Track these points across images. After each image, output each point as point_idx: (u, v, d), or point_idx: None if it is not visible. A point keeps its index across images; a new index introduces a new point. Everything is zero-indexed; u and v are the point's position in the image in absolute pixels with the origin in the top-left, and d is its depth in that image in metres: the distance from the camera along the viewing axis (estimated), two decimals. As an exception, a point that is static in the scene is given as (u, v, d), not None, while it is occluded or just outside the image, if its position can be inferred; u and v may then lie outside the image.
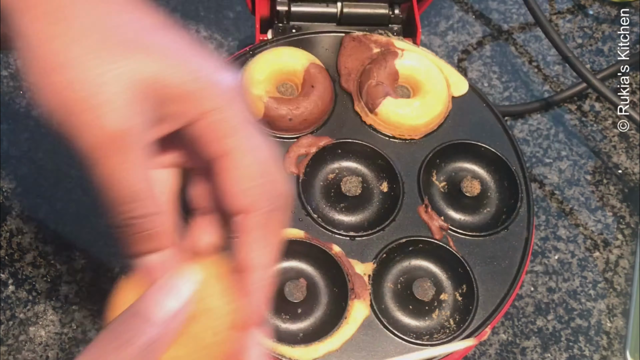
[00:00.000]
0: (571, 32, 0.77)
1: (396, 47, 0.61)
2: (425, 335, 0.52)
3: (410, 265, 0.55)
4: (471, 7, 0.77)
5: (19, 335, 0.57)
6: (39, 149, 0.64)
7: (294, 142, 0.57)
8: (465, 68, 0.73)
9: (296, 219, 0.54)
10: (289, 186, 0.37)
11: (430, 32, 0.75)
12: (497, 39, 0.76)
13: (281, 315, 0.52)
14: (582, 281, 0.63)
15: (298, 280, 0.52)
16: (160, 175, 0.37)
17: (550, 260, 0.64)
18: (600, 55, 0.75)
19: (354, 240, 0.54)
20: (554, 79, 0.74)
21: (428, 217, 0.55)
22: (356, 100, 0.60)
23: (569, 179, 0.68)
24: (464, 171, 0.59)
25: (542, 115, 0.71)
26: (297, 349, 0.50)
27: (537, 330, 0.61)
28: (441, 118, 0.59)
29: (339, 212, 0.56)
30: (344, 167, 0.58)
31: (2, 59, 0.68)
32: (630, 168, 0.69)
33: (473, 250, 0.55)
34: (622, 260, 0.64)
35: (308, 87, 0.57)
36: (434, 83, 0.60)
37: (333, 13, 0.63)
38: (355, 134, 0.58)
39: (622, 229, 0.66)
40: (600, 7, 0.78)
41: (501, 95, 0.72)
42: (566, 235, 0.65)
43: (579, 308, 0.62)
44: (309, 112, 0.57)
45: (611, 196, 0.68)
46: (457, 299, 0.53)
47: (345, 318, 0.51)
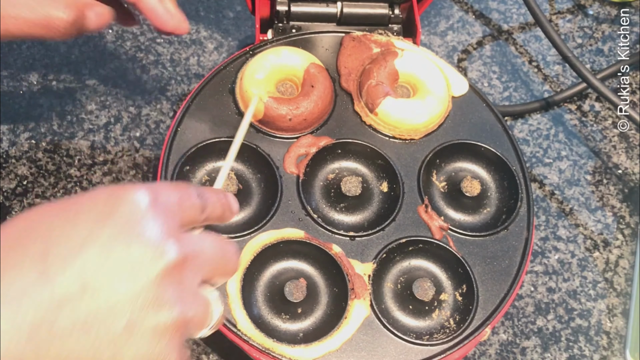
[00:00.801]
0: (571, 32, 0.77)
1: (396, 47, 0.61)
2: (425, 335, 0.52)
3: (410, 265, 0.55)
4: (471, 7, 0.77)
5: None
6: (39, 149, 0.64)
7: (294, 142, 0.57)
8: (465, 68, 0.73)
9: (296, 219, 0.54)
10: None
11: (430, 32, 0.75)
12: (497, 39, 0.76)
13: (281, 315, 0.52)
14: (582, 281, 0.63)
15: (298, 280, 0.52)
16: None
17: (550, 260, 0.64)
18: (600, 55, 0.75)
19: (354, 240, 0.54)
20: (554, 79, 0.74)
21: (428, 217, 0.55)
22: (356, 100, 0.60)
23: (569, 179, 0.68)
24: (464, 171, 0.59)
25: (542, 115, 0.71)
26: (297, 349, 0.50)
27: (537, 330, 0.61)
28: (441, 118, 0.59)
29: (339, 212, 0.56)
30: (344, 167, 0.58)
31: (2, 59, 0.68)
32: (630, 168, 0.69)
33: (473, 250, 0.55)
34: (622, 260, 0.64)
35: (308, 87, 0.58)
36: (433, 83, 0.60)
37: (333, 13, 0.63)
38: (355, 134, 0.58)
39: (622, 229, 0.66)
40: (600, 7, 0.78)
41: (501, 95, 0.72)
42: (566, 235, 0.65)
43: (579, 308, 0.62)
44: (309, 112, 0.57)
45: (611, 196, 0.68)
46: (457, 299, 0.53)
47: (345, 318, 0.51)
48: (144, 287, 0.33)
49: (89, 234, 0.33)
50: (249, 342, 0.49)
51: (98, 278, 0.33)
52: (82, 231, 0.34)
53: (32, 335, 0.31)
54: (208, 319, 0.37)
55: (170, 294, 0.34)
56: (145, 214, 0.35)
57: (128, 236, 0.34)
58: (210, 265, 0.38)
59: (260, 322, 0.51)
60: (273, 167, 0.56)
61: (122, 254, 0.33)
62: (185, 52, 0.71)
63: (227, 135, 0.56)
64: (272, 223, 0.54)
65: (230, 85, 0.59)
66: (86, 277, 0.32)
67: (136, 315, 0.33)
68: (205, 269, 0.37)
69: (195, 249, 0.36)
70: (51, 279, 0.32)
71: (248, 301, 0.51)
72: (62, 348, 0.32)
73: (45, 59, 0.69)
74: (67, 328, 0.32)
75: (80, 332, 0.32)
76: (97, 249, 0.33)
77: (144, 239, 0.34)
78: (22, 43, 0.69)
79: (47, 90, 0.67)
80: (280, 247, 0.53)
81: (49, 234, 0.33)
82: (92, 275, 0.33)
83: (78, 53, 0.70)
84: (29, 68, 0.68)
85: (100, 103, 0.67)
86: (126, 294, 0.33)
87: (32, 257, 0.32)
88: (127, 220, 0.34)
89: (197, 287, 0.37)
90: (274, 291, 0.52)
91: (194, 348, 0.57)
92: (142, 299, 0.33)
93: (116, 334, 0.33)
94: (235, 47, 0.72)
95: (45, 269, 0.32)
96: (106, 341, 0.32)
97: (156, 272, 0.34)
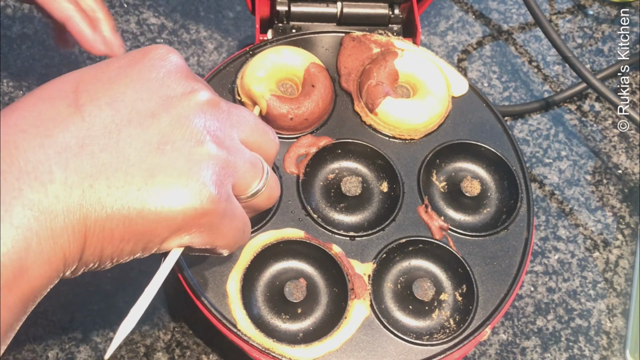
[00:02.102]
0: (571, 32, 0.77)
1: (396, 47, 0.61)
2: (425, 335, 0.52)
3: (410, 265, 0.55)
4: (471, 7, 0.77)
5: (19, 335, 0.57)
6: (39, 149, 0.64)
7: (294, 142, 0.57)
8: (465, 68, 0.73)
9: (296, 219, 0.54)
10: None
11: (430, 32, 0.75)
12: (497, 39, 0.76)
13: (281, 315, 0.52)
14: (582, 281, 0.63)
15: (298, 280, 0.52)
16: None
17: (550, 260, 0.64)
18: (600, 55, 0.75)
19: (354, 240, 0.54)
20: (554, 79, 0.74)
21: (428, 217, 0.55)
22: (356, 100, 0.60)
23: (569, 179, 0.68)
24: (464, 171, 0.59)
25: (542, 115, 0.71)
26: (297, 349, 0.50)
27: (537, 330, 0.61)
28: (441, 118, 0.59)
29: (339, 212, 0.56)
30: (344, 167, 0.58)
31: (2, 59, 0.68)
32: (630, 168, 0.69)
33: (473, 250, 0.55)
34: (622, 260, 0.64)
35: (309, 87, 0.58)
36: (433, 83, 0.60)
37: (333, 13, 0.63)
38: (355, 134, 0.58)
39: (622, 229, 0.66)
40: (600, 7, 0.78)
41: (501, 95, 0.72)
42: (566, 235, 0.65)
43: (579, 308, 0.62)
44: (310, 112, 0.57)
45: (611, 196, 0.68)
46: (457, 299, 0.53)
47: (345, 318, 0.51)
48: (177, 116, 0.34)
49: (118, 74, 0.34)
50: (249, 342, 0.49)
51: (129, 106, 0.33)
52: (112, 72, 0.34)
53: (63, 153, 0.31)
54: (257, 177, 0.37)
55: (204, 128, 0.34)
56: (173, 58, 0.36)
57: (158, 72, 0.35)
58: (247, 125, 0.38)
59: (260, 322, 0.51)
60: (273, 167, 0.56)
61: (153, 87, 0.34)
62: (185, 52, 0.71)
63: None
64: (272, 223, 0.54)
65: (230, 85, 0.59)
66: (117, 104, 0.33)
67: (168, 138, 0.33)
68: (242, 127, 0.37)
69: (228, 103, 0.37)
70: (81, 107, 0.32)
71: (248, 301, 0.51)
72: (93, 165, 0.32)
73: (45, 59, 0.69)
74: (97, 147, 0.32)
75: (112, 149, 0.32)
76: (127, 82, 0.34)
77: (175, 77, 0.35)
78: (22, 43, 0.69)
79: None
80: (280, 247, 0.53)
81: (81, 76, 0.34)
82: (123, 103, 0.33)
83: (78, 53, 0.70)
84: (29, 68, 0.68)
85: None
86: (159, 120, 0.33)
87: (63, 93, 0.33)
88: (157, 62, 0.35)
89: (236, 138, 0.37)
90: (274, 291, 0.52)
91: (193, 348, 0.57)
92: (175, 125, 0.33)
93: (147, 151, 0.33)
94: (235, 47, 0.72)
95: (76, 101, 0.33)
96: (137, 158, 0.33)
97: (188, 105, 0.34)
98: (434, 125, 0.59)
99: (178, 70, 0.36)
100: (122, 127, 0.33)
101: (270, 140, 0.40)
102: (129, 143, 0.32)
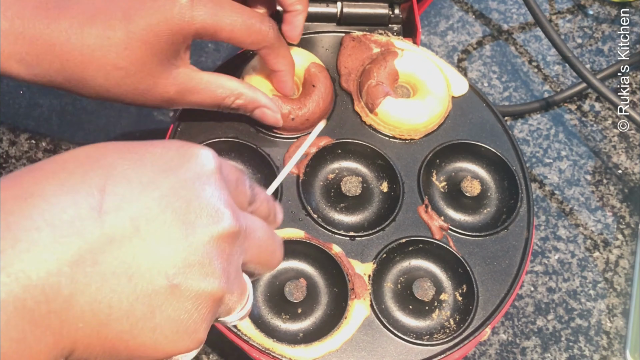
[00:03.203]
0: (571, 32, 0.77)
1: (396, 47, 0.61)
2: (425, 335, 0.52)
3: (410, 265, 0.55)
4: (471, 7, 0.77)
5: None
6: (39, 149, 0.64)
7: (294, 142, 0.57)
8: (465, 68, 0.73)
9: (296, 219, 0.54)
10: None
11: (430, 32, 0.75)
12: (497, 39, 0.76)
13: (281, 315, 0.52)
14: (582, 281, 0.63)
15: (298, 280, 0.52)
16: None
17: (550, 260, 0.64)
18: (600, 55, 0.75)
19: (354, 240, 0.54)
20: (554, 79, 0.74)
21: (428, 217, 0.55)
22: (356, 100, 0.60)
23: (569, 179, 0.68)
24: (464, 171, 0.59)
25: (542, 115, 0.71)
26: (297, 349, 0.50)
27: (537, 330, 0.61)
28: (441, 118, 0.59)
29: (339, 212, 0.56)
30: (344, 167, 0.58)
31: (2, 59, 0.68)
32: (630, 168, 0.69)
33: (473, 250, 0.55)
34: (622, 260, 0.64)
35: (309, 87, 0.58)
36: (433, 83, 0.60)
37: (333, 13, 0.63)
38: (355, 134, 0.58)
39: (622, 229, 0.66)
40: (600, 7, 0.78)
41: (501, 95, 0.72)
42: (566, 235, 0.65)
43: (579, 308, 0.62)
44: (311, 112, 0.57)
45: (611, 196, 0.68)
46: (457, 299, 0.54)
47: (345, 318, 0.51)
48: (197, 248, 0.32)
49: (151, 181, 0.33)
50: (249, 342, 0.49)
51: (152, 225, 0.32)
52: (144, 176, 0.33)
53: (74, 266, 0.30)
54: (241, 304, 0.36)
55: (219, 263, 0.33)
56: (210, 177, 0.34)
57: (190, 192, 0.33)
58: (257, 249, 0.37)
59: (260, 322, 0.51)
60: (273, 167, 0.56)
61: (181, 208, 0.33)
62: (185, 52, 0.71)
63: (227, 135, 0.56)
64: (272, 223, 0.54)
65: (230, 85, 0.59)
66: (140, 221, 0.31)
67: (182, 275, 0.32)
68: (252, 251, 0.36)
69: (249, 227, 0.36)
70: (104, 215, 0.31)
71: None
72: (99, 289, 0.30)
73: (45, 59, 0.69)
74: (109, 269, 0.31)
75: (122, 276, 0.31)
76: (156, 196, 0.32)
77: (205, 200, 0.33)
78: (22, 43, 0.69)
79: (47, 90, 0.67)
80: (280, 247, 0.53)
81: (111, 171, 0.32)
82: (146, 221, 0.32)
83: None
84: (29, 68, 0.68)
85: (100, 103, 0.67)
86: (177, 249, 0.32)
87: (89, 189, 0.31)
88: (191, 177, 0.34)
89: (240, 267, 0.36)
90: (274, 291, 0.52)
91: (194, 348, 0.57)
92: (192, 259, 0.32)
93: (156, 289, 0.31)
94: (235, 47, 0.72)
95: (101, 204, 0.31)
96: (145, 294, 0.31)
97: (210, 236, 0.33)
98: (434, 125, 0.59)
99: (211, 185, 0.34)
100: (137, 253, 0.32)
101: (274, 260, 0.39)
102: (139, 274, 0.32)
